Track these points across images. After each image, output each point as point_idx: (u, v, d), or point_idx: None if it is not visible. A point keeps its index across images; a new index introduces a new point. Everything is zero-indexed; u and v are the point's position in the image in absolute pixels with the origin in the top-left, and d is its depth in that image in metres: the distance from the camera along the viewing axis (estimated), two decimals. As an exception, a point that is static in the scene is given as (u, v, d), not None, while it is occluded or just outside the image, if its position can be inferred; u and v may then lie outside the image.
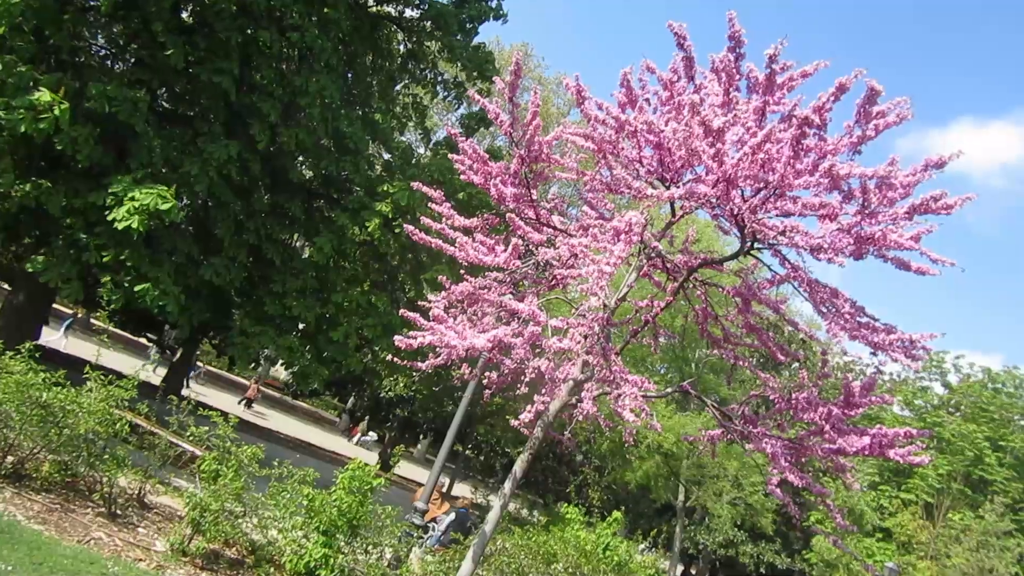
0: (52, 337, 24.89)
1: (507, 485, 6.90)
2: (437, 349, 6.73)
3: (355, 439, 41.19)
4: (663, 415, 23.63)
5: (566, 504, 14.82)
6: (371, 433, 40.63)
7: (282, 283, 15.28)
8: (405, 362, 7.50)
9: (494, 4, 17.99)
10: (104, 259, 12.48)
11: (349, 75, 17.52)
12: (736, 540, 30.95)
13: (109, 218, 11.70)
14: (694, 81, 6.28)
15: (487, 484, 30.82)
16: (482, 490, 26.66)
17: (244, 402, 35.26)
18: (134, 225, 11.39)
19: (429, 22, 17.39)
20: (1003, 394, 38.11)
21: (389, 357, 7.69)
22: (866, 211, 5.39)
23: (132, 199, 11.50)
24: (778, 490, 6.44)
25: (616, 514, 12.81)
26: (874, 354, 5.96)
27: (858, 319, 5.98)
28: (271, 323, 15.23)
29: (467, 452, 33.26)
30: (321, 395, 48.31)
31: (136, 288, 12.49)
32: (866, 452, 6.74)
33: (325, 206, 17.75)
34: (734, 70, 5.71)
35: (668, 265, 7.63)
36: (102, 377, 8.81)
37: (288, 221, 16.20)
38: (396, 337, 6.72)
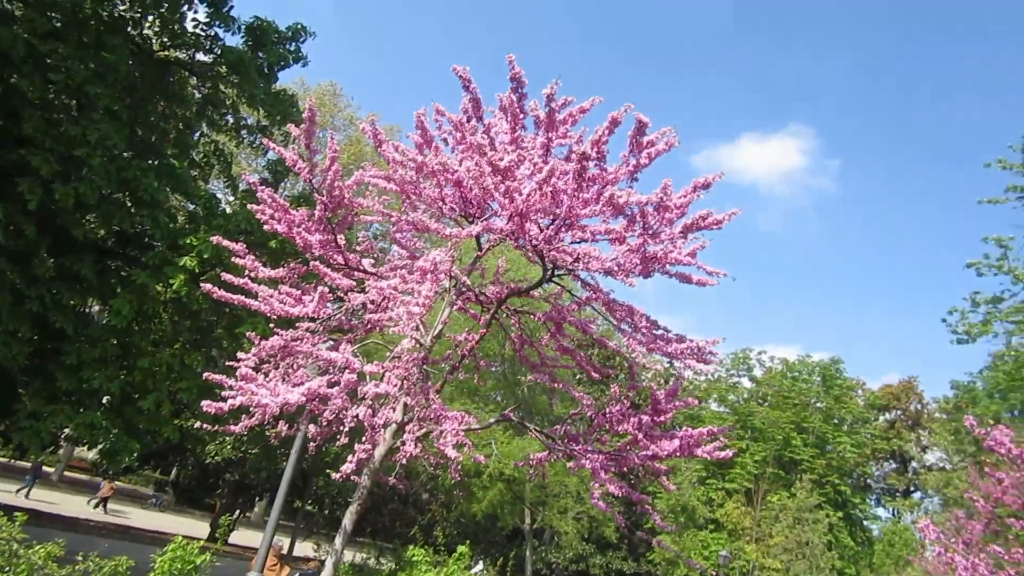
0: None
1: (337, 540, 6.66)
2: (251, 409, 6.42)
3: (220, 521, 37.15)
4: (501, 442, 23.93)
5: (412, 546, 14.53)
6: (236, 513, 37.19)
7: (76, 354, 13.79)
8: (216, 427, 7.07)
9: (293, 48, 17.62)
10: None
11: (139, 123, 16.37)
12: (585, 553, 31.91)
13: None
14: (483, 121, 6.54)
15: (333, 539, 29.48)
16: (326, 546, 25.47)
17: (98, 503, 30.61)
18: None
19: (224, 67, 16.69)
20: (800, 381, 42.58)
21: (198, 424, 7.17)
22: (648, 232, 5.85)
23: None
24: (601, 503, 6.72)
25: (462, 548, 12.76)
26: (670, 363, 6.44)
27: (654, 332, 6.46)
28: (67, 400, 13.69)
29: (308, 507, 31.67)
30: (137, 471, 43.84)
31: None
32: (677, 454, 7.24)
33: (122, 265, 16.34)
34: (518, 109, 6.01)
35: (481, 298, 7.81)
36: None
37: (80, 285, 14.72)
38: (204, 402, 6.34)
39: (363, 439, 6.31)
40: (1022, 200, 26.93)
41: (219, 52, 16.49)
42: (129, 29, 15.10)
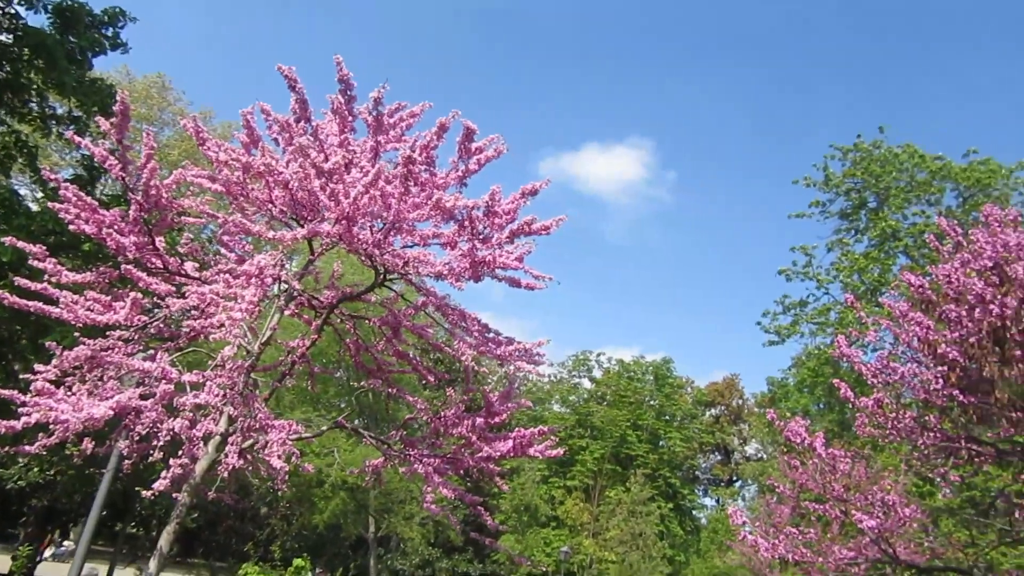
0: None
1: (152, 564, 6.22)
2: (50, 426, 5.85)
3: (47, 553, 32.97)
4: (345, 449, 23.37)
5: (247, 564, 13.85)
6: (66, 543, 33.28)
7: None
8: (10, 449, 6.39)
9: (111, 33, 16.30)
10: None
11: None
12: (431, 558, 31.88)
13: None
14: (311, 122, 6.40)
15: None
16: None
17: None
18: None
19: (27, 50, 15.12)
20: (636, 380, 45.07)
21: (-15, 445, 6.43)
22: (477, 237, 5.98)
23: None
24: (434, 506, 6.77)
25: (298, 561, 12.35)
26: (501, 365, 6.61)
27: (485, 335, 6.60)
28: None
29: (131, 530, 29.20)
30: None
31: None
32: (511, 454, 7.43)
33: (-102, 269, 14.33)
34: (347, 112, 5.94)
35: (315, 303, 7.62)
36: None
37: None
38: (-9, 421, 5.68)
39: (180, 453, 5.95)
40: (824, 214, 30.22)
41: (20, 33, 14.95)
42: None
